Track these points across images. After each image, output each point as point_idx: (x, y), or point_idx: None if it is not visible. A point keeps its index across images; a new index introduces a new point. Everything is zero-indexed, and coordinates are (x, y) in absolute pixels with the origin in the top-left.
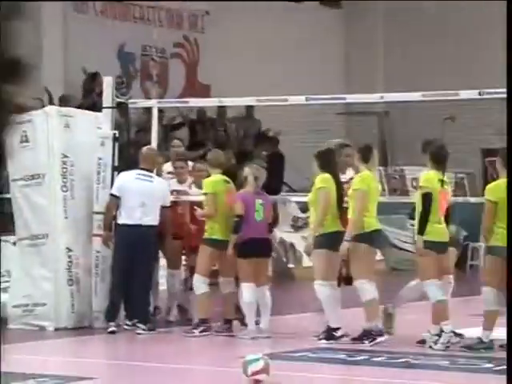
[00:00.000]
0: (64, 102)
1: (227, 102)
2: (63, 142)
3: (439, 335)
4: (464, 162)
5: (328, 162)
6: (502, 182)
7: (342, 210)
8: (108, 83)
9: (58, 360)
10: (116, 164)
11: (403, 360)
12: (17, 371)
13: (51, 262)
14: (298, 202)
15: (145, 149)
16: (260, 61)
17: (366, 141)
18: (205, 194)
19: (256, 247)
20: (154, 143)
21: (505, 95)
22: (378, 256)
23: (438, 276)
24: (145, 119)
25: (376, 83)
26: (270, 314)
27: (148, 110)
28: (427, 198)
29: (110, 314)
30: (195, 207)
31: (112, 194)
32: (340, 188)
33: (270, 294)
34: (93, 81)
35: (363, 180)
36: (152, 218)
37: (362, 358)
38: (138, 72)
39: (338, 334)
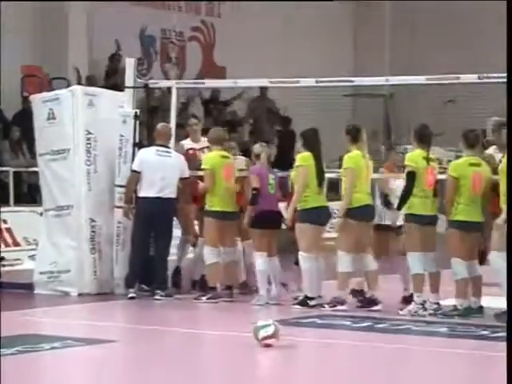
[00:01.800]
0: (90, 82)
1: (242, 83)
2: (87, 119)
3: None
4: None
5: (310, 141)
6: (464, 160)
7: (321, 186)
8: (130, 64)
9: (81, 324)
10: (137, 140)
11: (404, 327)
12: (43, 333)
13: (75, 232)
14: None
15: (159, 125)
16: (272, 45)
17: (373, 121)
18: (203, 169)
19: (269, 219)
20: (173, 121)
21: (504, 79)
22: None
23: (423, 249)
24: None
25: (382, 67)
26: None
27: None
28: (410, 176)
29: (130, 281)
30: (198, 181)
31: (133, 170)
32: (320, 165)
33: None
34: (115, 61)
35: (351, 159)
36: (171, 191)
37: (365, 324)
38: (158, 54)
39: (312, 303)
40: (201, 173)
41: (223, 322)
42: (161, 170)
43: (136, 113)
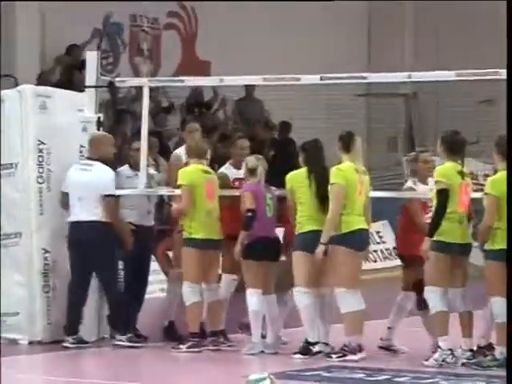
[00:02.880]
0: (42, 80)
1: (229, 81)
2: (39, 126)
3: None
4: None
5: (312, 155)
6: (502, 175)
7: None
8: (91, 59)
9: (30, 379)
10: None
11: (431, 381)
12: None
13: (25, 265)
14: None
15: (92, 134)
16: (268, 34)
17: (391, 127)
18: (179, 185)
19: (267, 248)
20: (145, 126)
21: None
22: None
23: (447, 284)
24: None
25: (403, 61)
26: (277, 326)
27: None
28: (443, 194)
29: (67, 327)
30: (170, 202)
31: (62, 191)
32: (323, 182)
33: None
34: (74, 56)
35: (341, 172)
36: (90, 213)
37: (383, 377)
38: (127, 46)
39: (315, 349)
40: None
41: (207, 376)
42: (78, 189)
43: (99, 118)
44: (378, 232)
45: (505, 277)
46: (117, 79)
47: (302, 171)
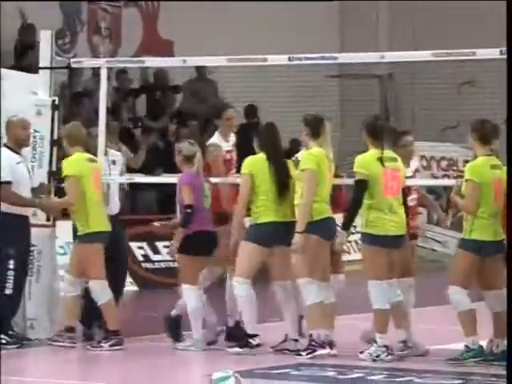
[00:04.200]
0: None
1: (192, 61)
2: None
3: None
4: None
5: (267, 139)
6: (483, 161)
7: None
8: (46, 38)
9: None
10: (55, 138)
11: (406, 379)
12: None
13: None
14: None
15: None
16: (234, 12)
17: (366, 110)
18: (64, 177)
19: (206, 242)
20: (103, 110)
21: None
22: None
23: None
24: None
25: (378, 41)
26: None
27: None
28: (360, 186)
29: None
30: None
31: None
32: (282, 169)
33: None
34: (28, 35)
35: (312, 157)
36: None
37: (355, 375)
38: (85, 24)
39: (255, 342)
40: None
41: (169, 375)
42: None
43: (54, 101)
44: None
45: (470, 269)
46: (73, 60)
47: (262, 157)
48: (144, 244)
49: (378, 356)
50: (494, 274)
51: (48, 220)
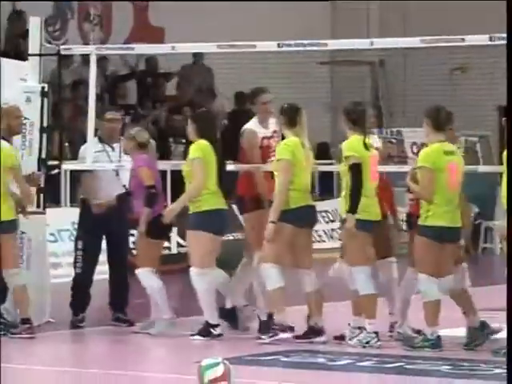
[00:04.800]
0: None
1: (182, 48)
2: None
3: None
4: (476, 122)
5: (205, 126)
6: (437, 147)
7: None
8: (35, 25)
9: None
10: (45, 125)
11: (396, 365)
12: None
13: None
14: None
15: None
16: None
17: (357, 96)
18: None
19: (166, 226)
20: (93, 97)
21: None
22: None
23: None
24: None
25: (369, 27)
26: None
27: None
28: (356, 170)
29: None
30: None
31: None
32: (220, 157)
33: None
34: (17, 21)
35: (286, 148)
36: None
37: (345, 362)
38: (75, 11)
39: (216, 331)
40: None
41: (158, 362)
42: None
43: (43, 88)
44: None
45: (435, 254)
46: (62, 47)
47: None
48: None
49: (367, 342)
50: (447, 260)
51: (38, 207)
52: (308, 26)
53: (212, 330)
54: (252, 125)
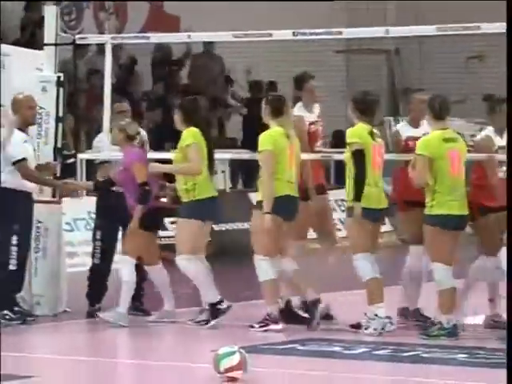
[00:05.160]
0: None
1: (197, 37)
2: None
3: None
4: None
5: (192, 113)
6: (437, 135)
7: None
8: (51, 14)
9: None
10: (60, 114)
11: (412, 353)
12: None
13: None
14: None
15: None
16: None
17: (373, 84)
18: None
19: (159, 218)
20: (108, 87)
21: None
22: (388, 227)
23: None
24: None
25: (386, 16)
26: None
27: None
28: (359, 156)
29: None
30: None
31: None
32: (210, 145)
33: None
34: (33, 10)
35: (269, 138)
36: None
37: (361, 350)
38: (91, 1)
39: (223, 306)
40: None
41: (175, 351)
42: None
43: (59, 78)
44: None
45: (444, 242)
46: (78, 36)
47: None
48: None
49: (383, 328)
50: (454, 248)
51: (54, 196)
52: (325, 12)
53: (219, 307)
54: (299, 110)
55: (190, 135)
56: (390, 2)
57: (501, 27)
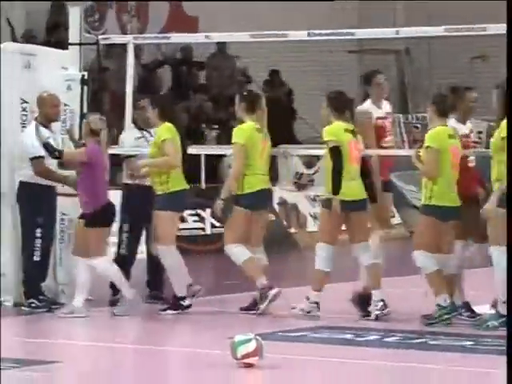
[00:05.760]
0: (27, 38)
1: (215, 37)
2: (23, 84)
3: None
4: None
5: (167, 109)
6: (442, 130)
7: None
8: (75, 15)
9: (15, 340)
10: (85, 111)
11: (420, 340)
12: None
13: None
14: (301, 156)
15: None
16: None
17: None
18: None
19: (112, 215)
20: (130, 86)
21: None
22: (397, 219)
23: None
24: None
25: (395, 16)
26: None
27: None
28: (336, 152)
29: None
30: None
31: None
32: (181, 140)
33: (269, 261)
34: (58, 12)
35: (242, 132)
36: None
37: (372, 337)
38: (113, 3)
39: (186, 303)
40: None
41: (191, 338)
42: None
43: (83, 76)
44: None
45: (433, 233)
46: (101, 36)
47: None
48: None
49: (382, 311)
50: (450, 238)
51: None
52: (335, 26)
53: (182, 303)
54: (367, 105)
55: (166, 130)
56: (399, 2)
57: (502, 28)
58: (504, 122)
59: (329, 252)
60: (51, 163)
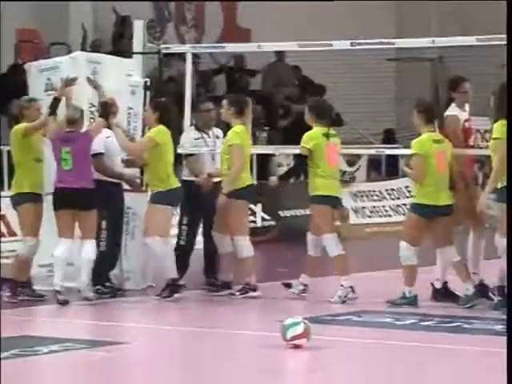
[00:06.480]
0: (95, 47)
1: (266, 47)
2: (91, 90)
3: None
4: None
5: (167, 113)
6: (427, 136)
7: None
8: (138, 27)
9: (83, 323)
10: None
11: (454, 324)
12: (40, 335)
13: None
14: (344, 155)
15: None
16: (305, 3)
17: (419, 90)
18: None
19: (67, 198)
20: (189, 91)
21: None
22: None
23: (329, 230)
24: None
25: (430, 26)
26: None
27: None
28: (303, 158)
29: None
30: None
31: None
32: (175, 142)
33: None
34: (123, 25)
35: (238, 134)
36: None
37: (410, 321)
38: (172, 15)
39: (181, 282)
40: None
41: (242, 321)
42: None
43: (146, 82)
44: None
45: (416, 228)
46: (162, 46)
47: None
48: None
49: (345, 296)
50: (442, 233)
51: (142, 186)
52: (374, 29)
53: (177, 285)
54: (453, 110)
55: (164, 132)
56: (434, 14)
57: None
58: (495, 125)
59: (334, 239)
60: (115, 161)
